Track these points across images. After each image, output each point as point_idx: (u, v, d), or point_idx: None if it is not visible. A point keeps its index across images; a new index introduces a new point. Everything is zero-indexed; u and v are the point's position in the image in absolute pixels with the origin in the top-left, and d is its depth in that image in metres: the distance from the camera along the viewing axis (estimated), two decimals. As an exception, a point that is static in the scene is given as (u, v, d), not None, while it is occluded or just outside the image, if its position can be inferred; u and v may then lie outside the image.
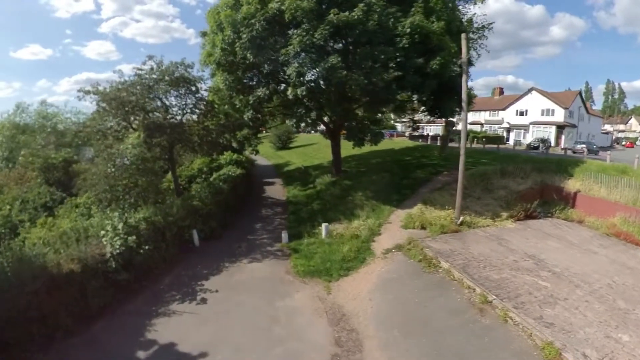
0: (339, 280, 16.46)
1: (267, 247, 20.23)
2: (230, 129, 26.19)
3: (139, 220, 16.98)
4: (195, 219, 20.18)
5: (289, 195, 30.19)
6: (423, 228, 20.97)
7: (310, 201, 27.40)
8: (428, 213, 22.53)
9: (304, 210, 25.78)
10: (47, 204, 26.95)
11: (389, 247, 18.92)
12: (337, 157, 32.00)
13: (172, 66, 22.77)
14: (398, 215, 23.35)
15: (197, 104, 24.13)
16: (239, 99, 23.52)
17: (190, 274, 17.35)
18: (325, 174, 33.00)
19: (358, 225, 21.19)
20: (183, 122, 24.36)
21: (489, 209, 24.44)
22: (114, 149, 18.83)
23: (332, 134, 31.35)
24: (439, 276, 16.23)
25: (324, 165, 40.19)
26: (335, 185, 29.39)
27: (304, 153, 54.19)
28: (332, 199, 26.65)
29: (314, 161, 44.45)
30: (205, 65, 24.51)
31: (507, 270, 16.10)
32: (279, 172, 43.15)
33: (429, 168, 33.50)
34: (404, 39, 20.34)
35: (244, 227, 23.40)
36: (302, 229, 21.95)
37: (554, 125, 66.64)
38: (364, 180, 29.57)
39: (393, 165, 34.69)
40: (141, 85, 22.32)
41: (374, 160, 38.50)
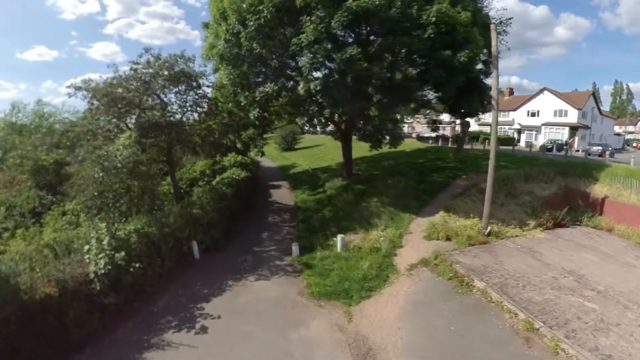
0: (361, 303, 14.14)
1: (275, 260, 17.87)
2: (235, 128, 23.84)
3: (130, 233, 14.69)
4: (195, 229, 17.87)
5: (298, 200, 27.85)
6: (448, 239, 18.99)
7: (320, 207, 25.06)
8: (452, 222, 20.48)
9: (315, 217, 23.44)
10: (35, 210, 24.70)
11: (414, 262, 16.81)
12: (348, 159, 29.69)
13: (171, 59, 20.46)
14: (419, 224, 21.18)
15: (198, 102, 21.78)
16: (244, 95, 21.20)
17: (189, 293, 15.07)
18: (335, 177, 30.69)
19: (377, 236, 18.96)
20: (183, 121, 22.02)
21: (515, 216, 22.38)
22: (102, 150, 16.46)
23: (343, 135, 29.04)
24: (474, 298, 14.11)
25: (333, 167, 37.86)
26: (347, 189, 27.07)
27: (311, 155, 51.85)
28: (345, 205, 24.31)
29: (321, 163, 42.10)
30: (208, 59, 22.23)
31: (548, 290, 14.08)
32: (285, 175, 40.81)
33: (445, 171, 31.20)
34: (428, 29, 18.03)
35: (250, 237, 21.07)
36: (314, 240, 19.64)
37: (567, 126, 64.04)
38: (378, 185, 27.22)
39: (407, 169, 32.33)
40: (137, 80, 20.04)
41: (385, 162, 36.12)
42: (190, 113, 22.51)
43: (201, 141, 21.39)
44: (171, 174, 22.65)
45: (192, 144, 21.17)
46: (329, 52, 16.72)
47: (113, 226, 15.37)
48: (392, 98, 19.58)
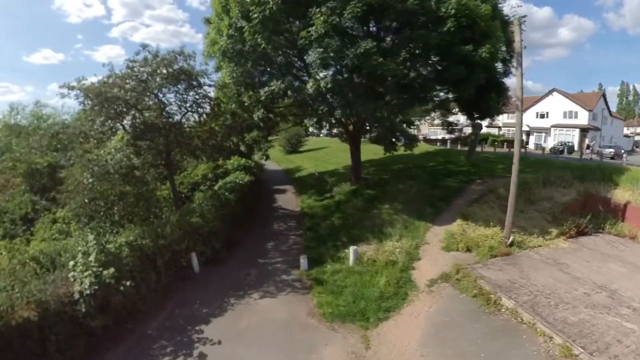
0: (378, 326, 12.56)
1: (282, 275, 16.29)
2: (238, 130, 22.30)
3: (121, 246, 13.18)
4: (194, 240, 16.33)
5: (304, 206, 26.24)
6: (468, 250, 17.51)
7: (329, 214, 23.45)
8: (471, 231, 18.94)
9: (323, 225, 21.83)
10: (27, 216, 23.21)
11: (434, 277, 15.26)
12: (356, 163, 28.09)
13: (170, 57, 18.94)
14: (436, 233, 19.66)
15: (199, 102, 20.24)
16: (247, 95, 19.68)
17: (187, 313, 13.53)
18: (343, 181, 29.09)
19: (392, 248, 17.37)
20: (182, 122, 20.50)
21: (535, 223, 20.84)
22: (92, 153, 14.92)
23: (351, 137, 27.47)
24: (503, 318, 12.55)
25: (340, 171, 36.29)
26: (356, 195, 25.47)
27: (316, 157, 50.27)
28: (355, 212, 22.70)
29: (327, 166, 40.51)
30: (209, 57, 20.74)
31: (582, 309, 12.57)
32: (290, 178, 39.22)
33: (459, 176, 29.57)
34: (448, 22, 16.47)
35: (254, 247, 19.50)
36: (323, 251, 18.06)
37: (577, 128, 62.33)
38: (389, 190, 25.62)
39: (418, 172, 30.70)
40: (133, 79, 18.55)
41: (394, 166, 34.51)
42: (190, 114, 20.95)
43: (202, 144, 19.82)
44: (170, 179, 21.13)
45: (191, 147, 19.60)
46: (340, 47, 15.11)
47: (104, 237, 13.91)
48: (407, 98, 18.01)
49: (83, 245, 12.69)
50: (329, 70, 17.38)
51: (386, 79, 16.30)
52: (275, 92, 17.12)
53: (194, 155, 20.59)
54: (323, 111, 16.88)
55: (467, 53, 17.00)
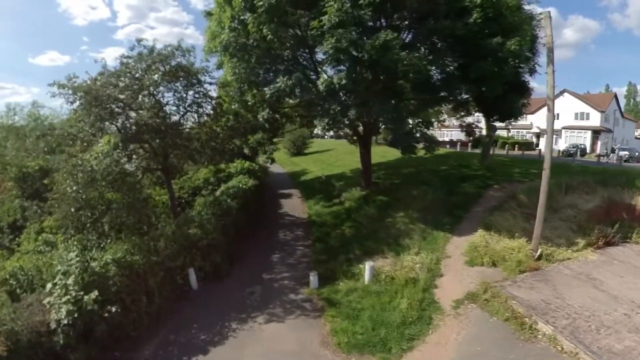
0: (402, 358, 10.81)
1: (289, 294, 14.50)
2: (241, 132, 20.61)
3: (107, 264, 11.49)
4: (192, 254, 14.64)
5: (312, 213, 24.48)
6: (494, 264, 15.81)
7: (339, 222, 21.70)
8: (494, 243, 17.15)
9: (333, 235, 20.08)
10: (16, 223, 21.53)
11: (460, 297, 13.49)
12: (367, 166, 26.34)
13: (167, 52, 17.28)
14: (456, 245, 17.93)
15: (199, 101, 18.55)
16: (251, 94, 17.94)
17: (183, 340, 11.84)
18: (352, 186, 27.35)
19: (411, 263, 15.61)
20: (179, 123, 18.80)
21: (560, 233, 19.05)
22: (77, 158, 13.22)
23: (362, 139, 25.73)
24: (541, 347, 10.83)
25: (347, 175, 34.56)
26: (367, 201, 23.70)
27: (321, 160, 48.53)
28: (367, 221, 20.93)
29: (334, 170, 38.77)
30: (210, 53, 19.03)
31: (625, 333, 10.99)
32: (295, 182, 37.53)
33: (475, 180, 27.75)
34: (474, 13, 14.75)
35: (258, 260, 17.77)
36: (335, 266, 16.28)
37: (589, 130, 60.36)
38: (403, 196, 23.84)
39: (431, 177, 28.89)
40: (127, 76, 16.93)
41: (404, 170, 32.70)
42: (190, 114, 19.26)
43: (201, 146, 18.11)
44: (167, 184, 19.46)
45: (189, 150, 17.89)
46: (356, 38, 13.36)
47: (90, 252, 12.28)
48: (428, 97, 16.25)
49: (64, 263, 11.03)
50: (341, 65, 15.57)
51: (406, 76, 14.55)
52: (281, 90, 15.38)
53: (192, 158, 18.85)
54: (335, 111, 15.13)
55: (495, 46, 15.27)
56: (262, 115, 17.88)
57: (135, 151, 15.92)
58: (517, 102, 20.52)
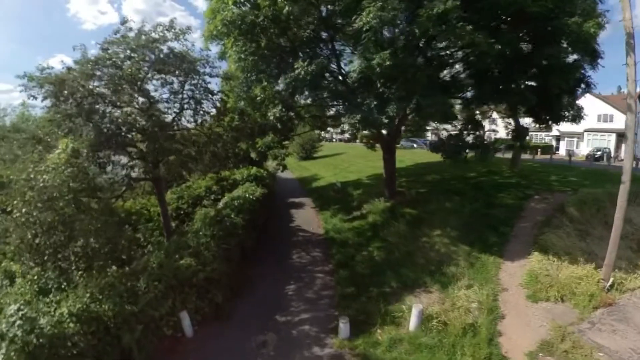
0: None
1: (313, 346, 10.84)
2: (247, 134, 17.11)
3: (60, 323, 7.98)
4: (184, 295, 11.10)
5: (329, 228, 20.78)
6: (561, 299, 12.73)
7: (364, 241, 18.05)
8: (555, 270, 13.99)
9: (359, 259, 16.41)
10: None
11: (533, 349, 10.34)
12: (391, 174, 22.74)
13: (156, 33, 13.80)
14: (510, 272, 14.65)
15: (196, 96, 15.04)
16: (260, 87, 14.35)
17: None
18: (373, 195, 23.75)
19: (465, 302, 12.21)
20: (176, 122, 15.32)
21: (620, 254, 15.64)
22: (30, 170, 9.69)
23: (385, 142, 22.15)
24: None
25: (364, 182, 30.94)
26: (394, 215, 20.07)
27: (333, 165, 44.92)
28: (398, 240, 17.28)
29: (348, 176, 35.12)
30: (211, 39, 15.47)
31: None
32: (306, 189, 33.88)
33: (510, 189, 24.06)
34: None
35: (268, 293, 14.09)
36: (368, 305, 12.66)
37: (613, 132, 56.47)
38: (435, 210, 20.21)
39: (461, 186, 25.26)
40: (109, 65, 13.49)
41: (428, 177, 29.06)
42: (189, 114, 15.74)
43: (196, 152, 14.58)
44: (159, 197, 15.93)
45: (181, 156, 14.37)
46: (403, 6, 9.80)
47: (46, 298, 8.83)
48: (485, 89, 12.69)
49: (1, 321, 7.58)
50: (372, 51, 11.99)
51: (467, 60, 10.96)
52: (299, 80, 11.83)
53: (185, 166, 15.30)
54: (369, 106, 11.57)
55: (573, 28, 11.65)
56: (274, 112, 14.25)
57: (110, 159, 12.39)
58: (574, 100, 16.82)
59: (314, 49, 13.88)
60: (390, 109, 11.52)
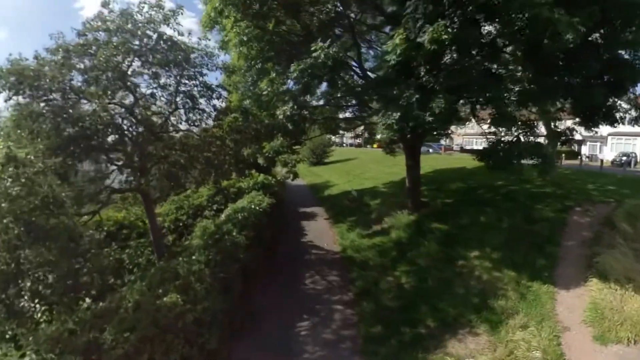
0: None
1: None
2: (251, 137, 14.51)
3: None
4: (167, 343, 8.41)
5: (346, 244, 17.98)
6: (634, 340, 10.17)
7: (388, 263, 15.26)
8: (618, 300, 11.39)
9: (384, 285, 13.57)
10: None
11: None
12: (415, 183, 19.97)
13: (142, 15, 11.26)
14: (568, 305, 11.81)
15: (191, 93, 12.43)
16: (268, 79, 11.70)
17: None
18: (394, 206, 20.99)
19: (525, 350, 9.37)
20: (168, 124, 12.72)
21: None
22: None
23: (409, 147, 19.43)
24: None
25: (382, 190, 28.14)
26: (421, 230, 17.29)
27: (345, 170, 42.19)
28: (429, 262, 14.48)
29: (363, 183, 32.33)
30: (209, 24, 12.92)
31: None
32: (318, 197, 31.19)
33: (547, 200, 21.01)
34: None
35: (276, 332, 11.34)
36: (401, 354, 9.85)
37: (639, 136, 52.99)
38: (467, 224, 17.42)
39: (490, 195, 22.37)
40: (82, 54, 11.00)
41: (452, 185, 26.13)
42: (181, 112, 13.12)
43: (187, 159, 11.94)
44: (148, 213, 13.33)
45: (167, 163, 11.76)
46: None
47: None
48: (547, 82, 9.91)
49: None
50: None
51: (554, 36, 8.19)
52: (319, 65, 9.22)
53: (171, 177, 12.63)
54: (410, 100, 8.88)
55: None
56: (284, 111, 11.60)
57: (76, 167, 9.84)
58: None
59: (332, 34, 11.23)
60: (436, 103, 8.80)
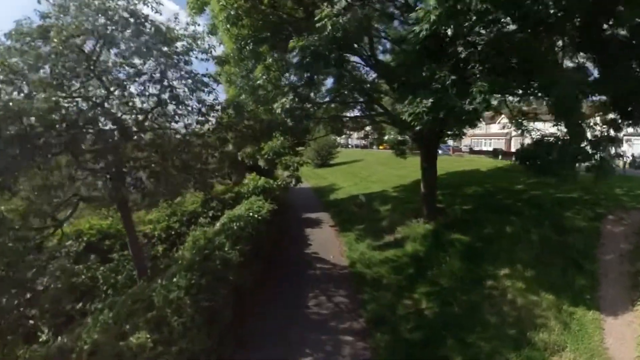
0: None
1: None
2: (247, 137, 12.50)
3: None
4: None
5: (355, 258, 15.85)
6: None
7: (405, 282, 13.12)
8: None
9: (402, 311, 11.44)
10: None
11: None
12: (431, 187, 17.88)
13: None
14: (618, 335, 9.83)
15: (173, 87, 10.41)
16: (262, 65, 9.69)
17: None
18: (406, 213, 18.97)
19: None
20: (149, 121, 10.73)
21: None
22: None
23: (425, 147, 17.38)
24: None
25: (391, 194, 26.04)
26: (440, 242, 15.20)
27: (351, 173, 40.13)
28: (454, 283, 12.35)
29: (370, 186, 30.26)
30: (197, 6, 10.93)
31: None
32: (323, 201, 29.14)
33: (576, 207, 18.79)
34: None
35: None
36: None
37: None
38: (491, 235, 15.31)
39: (511, 201, 20.19)
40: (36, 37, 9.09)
41: (468, 189, 23.96)
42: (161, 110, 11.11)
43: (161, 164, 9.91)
44: (125, 224, 11.33)
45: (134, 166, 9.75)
46: None
47: None
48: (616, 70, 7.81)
49: None
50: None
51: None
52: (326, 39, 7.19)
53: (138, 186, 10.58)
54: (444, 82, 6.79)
55: None
56: (282, 103, 9.60)
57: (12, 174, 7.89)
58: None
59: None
60: (478, 88, 6.72)
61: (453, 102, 7.09)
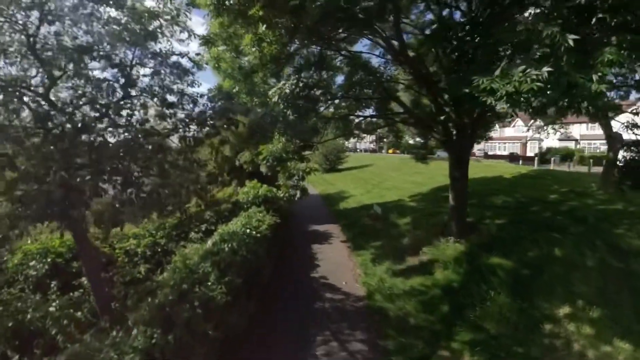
0: None
1: None
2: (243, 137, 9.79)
3: None
4: None
5: (373, 286, 12.84)
6: None
7: (439, 323, 10.26)
8: None
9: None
10: None
11: None
12: (461, 200, 15.06)
13: None
14: None
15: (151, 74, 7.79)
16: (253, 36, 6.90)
17: None
18: (428, 228, 16.21)
19: None
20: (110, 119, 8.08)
21: None
22: None
23: (456, 153, 14.59)
24: None
25: (409, 204, 23.22)
26: (477, 268, 12.36)
27: (362, 179, 37.36)
28: (503, 327, 9.50)
29: (384, 195, 27.45)
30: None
31: None
32: (332, 211, 26.35)
33: (624, 221, 15.96)
34: None
35: None
36: None
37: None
38: (539, 259, 12.48)
39: (549, 214, 17.32)
40: None
41: (496, 199, 21.03)
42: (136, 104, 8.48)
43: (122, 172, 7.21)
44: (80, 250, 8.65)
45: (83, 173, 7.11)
46: None
47: None
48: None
49: None
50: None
51: None
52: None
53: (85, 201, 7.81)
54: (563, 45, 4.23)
55: None
56: (280, 89, 6.81)
57: None
58: None
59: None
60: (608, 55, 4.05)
61: (573, 77, 4.36)
